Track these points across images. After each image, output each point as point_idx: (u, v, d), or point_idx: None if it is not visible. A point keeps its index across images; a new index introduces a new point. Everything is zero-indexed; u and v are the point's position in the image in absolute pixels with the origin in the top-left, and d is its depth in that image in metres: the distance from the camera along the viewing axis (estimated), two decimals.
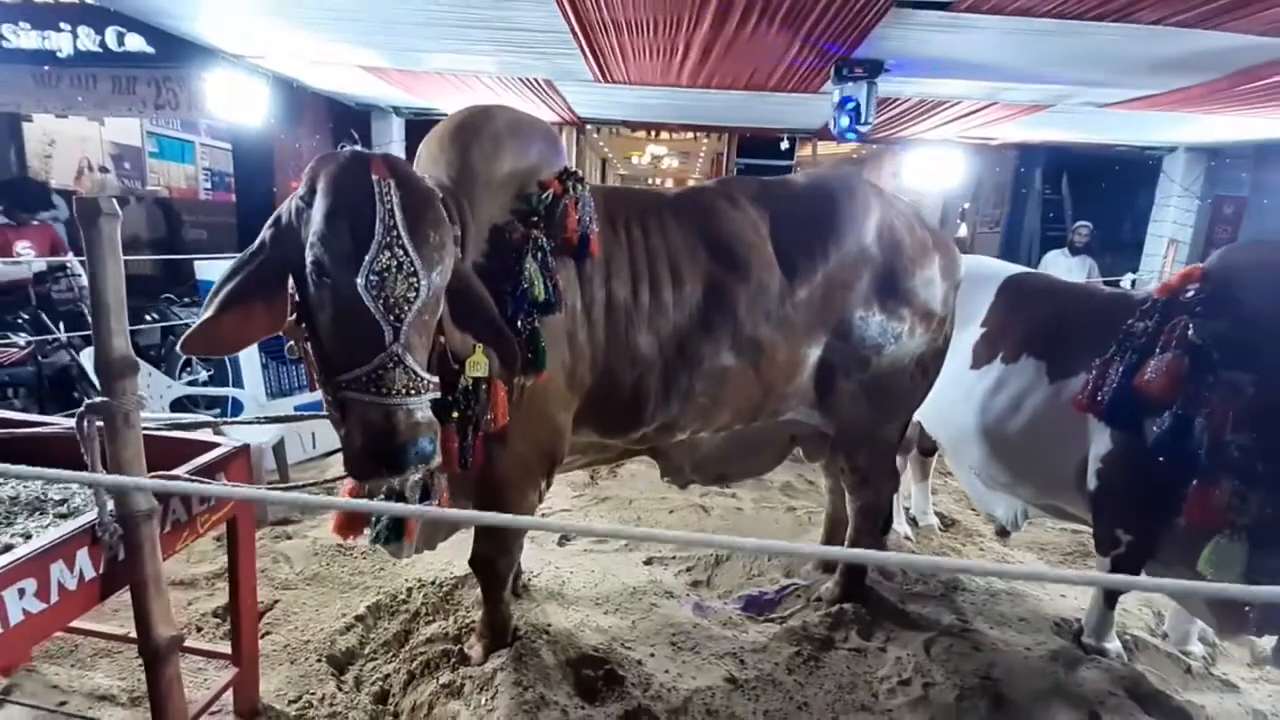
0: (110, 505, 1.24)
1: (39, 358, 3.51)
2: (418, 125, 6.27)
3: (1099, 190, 7.29)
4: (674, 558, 3.02)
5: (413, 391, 1.32)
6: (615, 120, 6.15)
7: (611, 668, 2.17)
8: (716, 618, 2.58)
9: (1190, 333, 2.01)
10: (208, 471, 1.50)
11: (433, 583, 2.57)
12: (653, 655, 2.31)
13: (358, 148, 1.43)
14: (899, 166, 6.79)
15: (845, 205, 2.21)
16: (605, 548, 3.13)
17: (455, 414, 1.68)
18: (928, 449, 3.37)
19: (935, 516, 3.58)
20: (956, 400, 2.61)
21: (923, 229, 2.38)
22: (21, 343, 3.47)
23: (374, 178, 1.32)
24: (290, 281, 1.44)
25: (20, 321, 3.72)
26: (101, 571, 1.25)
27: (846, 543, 2.68)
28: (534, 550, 2.96)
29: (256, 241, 1.49)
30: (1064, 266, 6.09)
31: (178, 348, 1.43)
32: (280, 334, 1.52)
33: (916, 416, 2.97)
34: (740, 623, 2.58)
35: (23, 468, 0.94)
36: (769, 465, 2.72)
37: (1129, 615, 2.80)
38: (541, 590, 2.64)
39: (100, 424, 1.18)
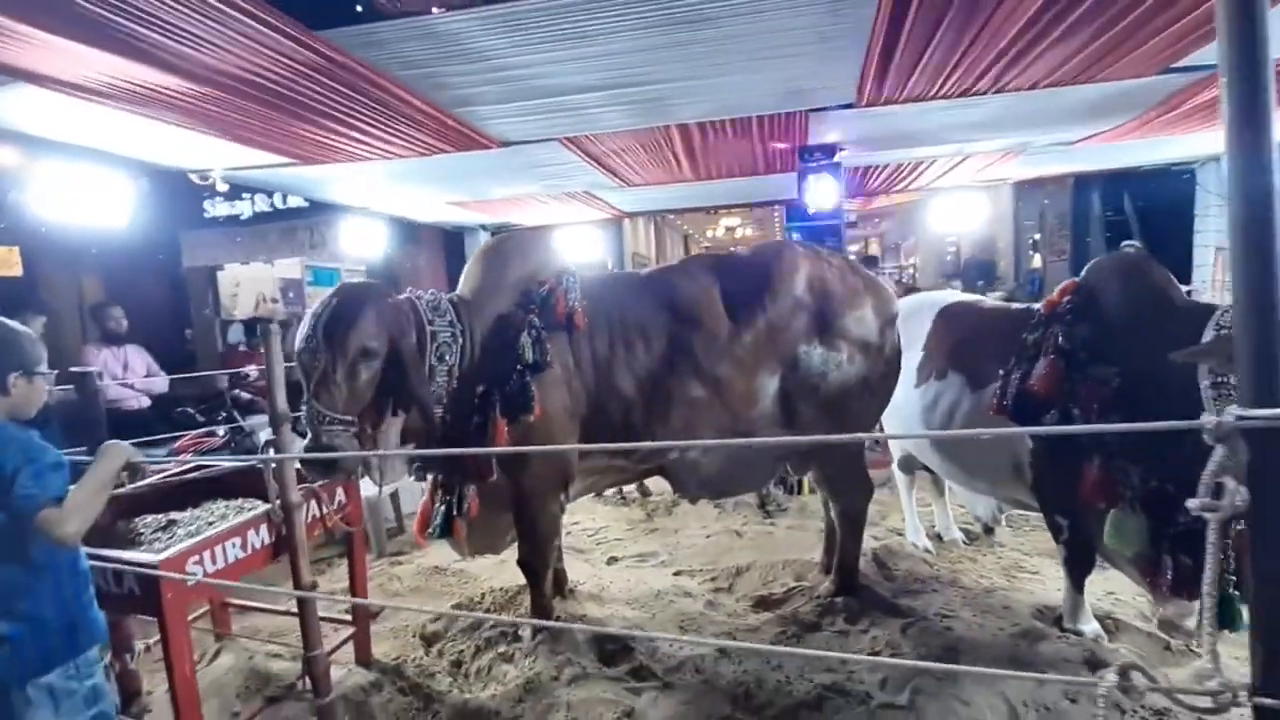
0: (277, 500, 2.12)
1: (231, 444, 4.77)
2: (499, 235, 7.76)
3: (1160, 208, 7.23)
4: (701, 570, 3.57)
5: (323, 423, 2.20)
6: (655, 210, 7.12)
7: (625, 642, 2.77)
8: (724, 610, 3.11)
9: (1059, 339, 2.42)
10: (329, 489, 2.38)
11: (500, 589, 3.31)
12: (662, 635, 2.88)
13: (353, 282, 2.42)
14: (928, 212, 7.20)
15: (775, 267, 2.84)
16: (645, 565, 3.73)
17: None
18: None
19: (960, 531, 3.83)
20: (909, 416, 3.05)
21: (854, 277, 2.96)
22: (220, 432, 4.75)
23: (332, 300, 2.28)
24: None
25: (220, 418, 5.07)
26: (273, 540, 2.13)
27: (837, 544, 3.13)
28: (584, 566, 3.63)
29: None
30: None
31: None
32: None
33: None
34: (744, 614, 3.08)
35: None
36: (762, 480, 3.27)
37: (1123, 604, 2.98)
38: (584, 594, 3.28)
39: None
